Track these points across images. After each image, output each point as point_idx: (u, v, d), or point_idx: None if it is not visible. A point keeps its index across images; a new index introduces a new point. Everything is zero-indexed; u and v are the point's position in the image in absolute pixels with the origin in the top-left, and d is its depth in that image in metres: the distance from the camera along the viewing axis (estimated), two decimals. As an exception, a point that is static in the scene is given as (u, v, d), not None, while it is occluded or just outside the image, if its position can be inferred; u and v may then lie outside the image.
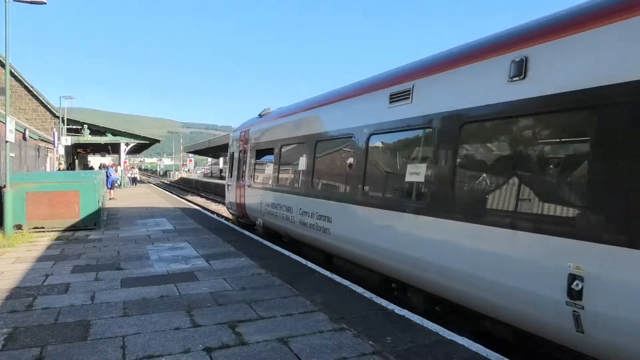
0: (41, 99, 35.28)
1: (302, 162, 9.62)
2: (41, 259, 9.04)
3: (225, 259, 8.90)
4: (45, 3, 13.69)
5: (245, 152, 13.97)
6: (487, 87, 5.04)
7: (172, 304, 6.02)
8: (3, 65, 17.51)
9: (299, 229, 9.67)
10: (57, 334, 4.97)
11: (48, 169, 30.57)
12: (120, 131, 38.70)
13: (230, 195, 15.61)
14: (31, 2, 13.50)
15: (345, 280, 7.21)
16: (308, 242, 9.58)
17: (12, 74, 32.16)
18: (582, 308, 3.83)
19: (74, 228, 12.80)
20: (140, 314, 5.64)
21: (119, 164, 37.51)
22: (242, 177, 14.04)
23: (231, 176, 15.66)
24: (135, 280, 7.28)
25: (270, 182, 11.69)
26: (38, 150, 26.92)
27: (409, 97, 6.38)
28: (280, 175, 11.11)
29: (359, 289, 6.68)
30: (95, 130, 37.89)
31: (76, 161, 50.35)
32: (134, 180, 44.02)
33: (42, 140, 28.05)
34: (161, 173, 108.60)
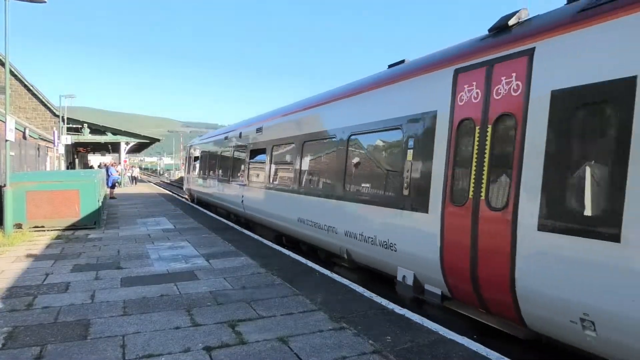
0: (41, 97, 35.24)
1: (213, 163, 18.61)
2: (41, 258, 9.04)
3: (225, 258, 8.90)
4: (45, 2, 13.66)
5: (190, 157, 25.18)
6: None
7: (172, 303, 6.02)
8: (3, 64, 17.51)
9: (218, 201, 17.92)
10: (57, 333, 4.98)
11: (48, 168, 30.57)
12: (121, 130, 38.67)
13: (185, 182, 27.99)
14: (31, 1, 13.48)
15: (345, 280, 7.21)
16: (227, 209, 16.76)
17: (12, 73, 32.12)
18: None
19: (74, 227, 12.80)
20: (140, 313, 5.64)
21: (119, 163, 37.46)
22: (187, 171, 25.98)
23: (186, 171, 27.82)
24: (135, 280, 7.28)
25: (198, 174, 21.85)
26: (38, 149, 26.91)
27: (261, 131, 12.93)
28: (203, 170, 20.64)
29: (359, 288, 6.69)
30: (96, 129, 37.86)
31: (76, 160, 50.34)
32: (134, 179, 44.01)
33: (42, 139, 28.04)
34: (161, 172, 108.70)
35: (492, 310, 5.08)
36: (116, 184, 26.64)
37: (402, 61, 7.56)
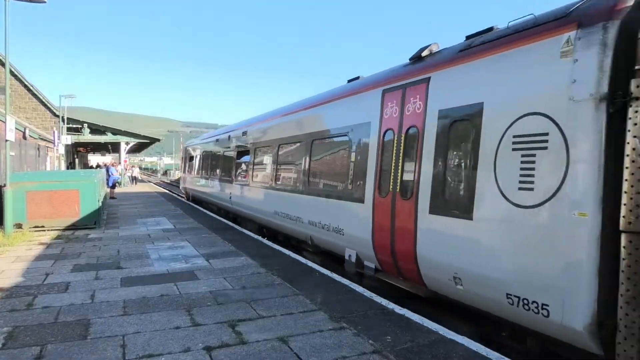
0: (41, 97, 35.24)
1: (205, 164, 20.14)
2: (41, 258, 9.05)
3: (225, 258, 8.90)
4: (45, 2, 13.66)
5: (186, 158, 26.93)
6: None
7: (172, 303, 6.03)
8: (3, 64, 17.51)
9: (210, 198, 19.29)
10: (57, 332, 4.98)
11: (48, 168, 30.57)
12: (121, 130, 38.67)
13: (181, 181, 30.37)
14: (31, 1, 13.48)
15: (345, 280, 7.22)
16: (218, 205, 18.29)
17: (12, 73, 32.10)
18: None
19: (74, 227, 12.81)
20: (140, 313, 5.64)
21: (119, 163, 37.45)
22: (183, 171, 28.59)
23: (181, 171, 30.45)
24: (135, 279, 7.28)
25: (192, 174, 23.58)
26: (38, 149, 26.92)
27: (246, 134, 14.57)
28: (196, 170, 22.26)
29: (359, 288, 6.69)
30: (95, 129, 37.86)
31: (76, 160, 50.35)
32: (134, 179, 44.01)
33: (42, 139, 28.04)
34: (161, 172, 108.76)
35: (406, 277, 6.52)
36: (117, 184, 26.62)
37: (357, 77, 9.05)
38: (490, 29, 5.72)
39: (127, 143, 39.03)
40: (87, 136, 37.38)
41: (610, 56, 3.90)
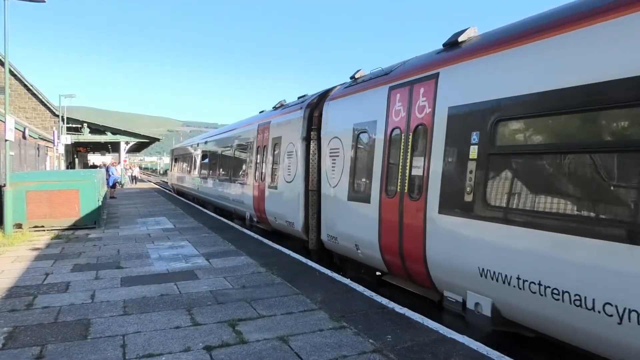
0: (41, 97, 35.19)
1: (184, 164, 27.10)
2: (41, 257, 9.04)
3: (225, 258, 8.90)
4: (44, 1, 13.65)
5: (171, 160, 34.58)
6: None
7: (172, 303, 6.02)
8: (2, 64, 17.49)
9: (186, 189, 25.78)
10: (57, 332, 4.98)
11: (48, 168, 30.55)
12: (120, 130, 38.65)
13: (169, 178, 38.35)
14: (31, 0, 13.45)
15: (345, 279, 7.22)
16: (191, 194, 24.40)
17: (11, 73, 32.06)
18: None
19: (74, 227, 12.80)
20: (141, 312, 5.64)
21: (119, 163, 37.44)
22: (170, 170, 35.70)
23: (170, 170, 37.42)
24: (135, 279, 7.28)
25: (175, 172, 31.05)
26: (38, 149, 26.90)
27: (206, 143, 21.39)
28: (178, 169, 29.80)
29: (359, 287, 6.69)
30: (95, 129, 37.83)
31: (76, 160, 50.32)
32: (134, 179, 44.00)
33: (42, 139, 28.02)
34: (161, 172, 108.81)
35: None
36: (117, 184, 26.61)
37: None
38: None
39: (126, 143, 39.01)
40: (86, 136, 37.36)
41: (306, 121, 9.72)
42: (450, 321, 5.53)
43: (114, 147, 44.87)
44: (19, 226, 12.07)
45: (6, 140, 12.32)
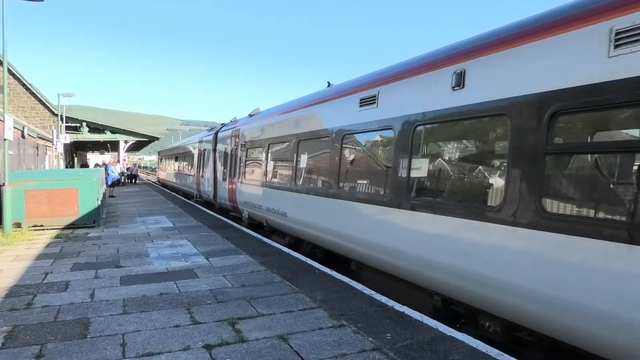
0: (39, 96, 35.15)
1: (168, 163, 37.39)
2: (40, 257, 9.04)
3: (225, 256, 8.90)
4: (43, 0, 13.61)
5: (158, 159, 50.94)
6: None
7: (171, 302, 6.02)
8: (1, 63, 17.47)
9: (169, 182, 35.08)
10: (57, 331, 4.98)
11: (47, 167, 30.52)
12: (119, 129, 38.63)
13: (157, 174, 51.68)
14: None
15: (345, 277, 7.22)
16: (172, 186, 33.33)
17: (10, 72, 32.04)
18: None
19: (73, 226, 12.80)
20: (140, 311, 5.64)
21: (118, 162, 37.42)
22: (158, 167, 53.64)
23: (157, 167, 54.94)
24: (134, 278, 7.28)
25: (162, 168, 43.89)
26: (37, 148, 26.85)
27: (184, 146, 30.33)
28: (163, 166, 41.83)
29: (359, 286, 6.69)
30: (94, 128, 37.81)
31: (75, 159, 50.28)
32: (133, 178, 43.96)
33: (40, 138, 27.98)
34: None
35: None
36: (116, 182, 26.59)
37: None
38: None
39: (126, 142, 39.00)
40: (85, 135, 37.34)
41: (214, 140, 19.06)
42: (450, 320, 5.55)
43: (113, 146, 44.86)
44: (18, 225, 12.06)
45: (5, 140, 12.30)
